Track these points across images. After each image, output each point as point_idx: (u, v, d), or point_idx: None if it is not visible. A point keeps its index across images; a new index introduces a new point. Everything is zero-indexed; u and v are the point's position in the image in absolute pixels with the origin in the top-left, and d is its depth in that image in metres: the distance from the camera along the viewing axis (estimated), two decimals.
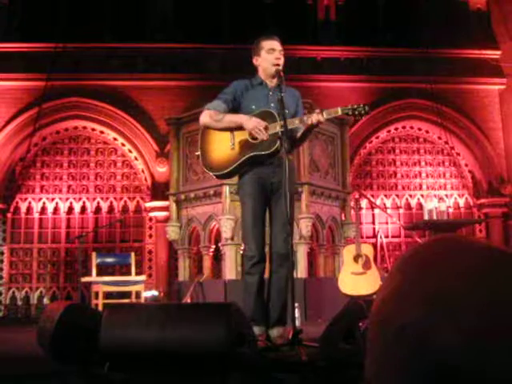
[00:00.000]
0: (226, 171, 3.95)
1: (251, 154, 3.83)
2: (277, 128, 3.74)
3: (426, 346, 0.59)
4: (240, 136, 3.87)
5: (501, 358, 0.55)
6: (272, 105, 3.92)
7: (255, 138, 3.80)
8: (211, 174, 4.07)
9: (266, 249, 4.02)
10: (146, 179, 10.35)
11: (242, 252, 7.26)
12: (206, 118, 3.96)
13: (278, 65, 3.91)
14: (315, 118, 3.67)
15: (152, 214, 10.21)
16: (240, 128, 3.84)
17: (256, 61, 4.06)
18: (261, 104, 3.93)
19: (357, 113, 3.67)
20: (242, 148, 3.86)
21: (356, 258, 6.54)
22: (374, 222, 10.85)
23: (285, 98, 3.78)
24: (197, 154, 4.14)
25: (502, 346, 0.55)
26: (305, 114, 3.92)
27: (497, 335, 0.56)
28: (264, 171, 3.89)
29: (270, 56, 3.95)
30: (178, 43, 10.28)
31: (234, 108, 3.98)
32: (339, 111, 3.69)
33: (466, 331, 0.57)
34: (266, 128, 3.75)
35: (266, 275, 4.03)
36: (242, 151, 3.86)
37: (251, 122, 3.77)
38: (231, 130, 3.90)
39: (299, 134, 3.91)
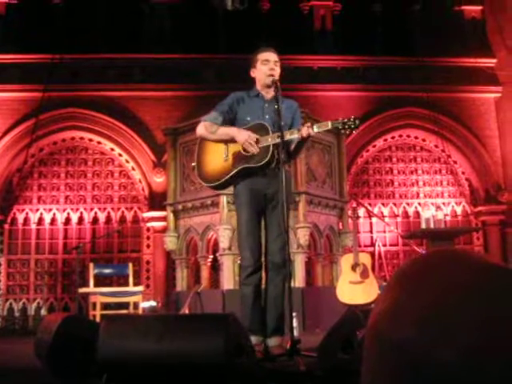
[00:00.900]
0: (218, 183, 3.99)
1: (242, 166, 3.86)
2: (269, 140, 3.77)
3: (423, 362, 0.59)
4: (233, 148, 3.91)
5: (498, 373, 0.55)
6: (267, 116, 3.96)
7: (247, 151, 3.83)
8: (205, 184, 4.13)
9: (262, 258, 4.04)
10: (143, 189, 10.35)
11: (239, 262, 7.26)
12: (201, 129, 4.02)
13: (272, 75, 3.94)
14: (305, 131, 3.70)
15: (149, 224, 10.20)
16: (233, 140, 3.87)
17: (253, 73, 4.12)
18: (256, 116, 3.97)
19: (347, 126, 3.69)
20: (234, 160, 3.90)
21: (354, 267, 6.54)
22: (371, 231, 10.85)
23: (281, 110, 3.81)
24: (193, 164, 4.20)
25: (498, 362, 0.55)
26: (295, 128, 3.94)
27: (493, 351, 0.56)
28: (258, 182, 3.92)
29: (264, 67, 4.00)
30: (174, 53, 10.31)
31: (231, 119, 4.02)
32: (329, 125, 3.71)
33: (463, 347, 0.57)
34: (257, 141, 3.78)
35: (263, 285, 4.04)
36: (234, 163, 3.90)
37: (242, 135, 3.81)
38: (225, 141, 3.94)
39: (293, 147, 3.93)
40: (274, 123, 3.87)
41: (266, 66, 4.00)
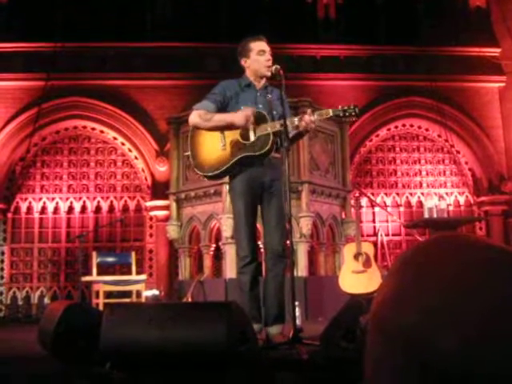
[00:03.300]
0: (216, 172, 3.94)
1: (242, 154, 3.83)
2: (268, 129, 3.75)
3: (425, 349, 0.59)
4: (230, 136, 3.87)
5: (501, 364, 0.55)
6: (260, 106, 3.94)
7: (246, 139, 3.81)
8: (202, 174, 4.07)
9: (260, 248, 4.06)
10: (146, 178, 10.35)
11: None
12: (195, 117, 3.95)
13: (270, 66, 3.90)
14: (307, 119, 3.70)
15: (152, 213, 10.21)
16: (230, 128, 3.84)
17: (245, 62, 4.04)
18: (249, 104, 3.93)
19: (347, 114, 3.70)
20: (232, 149, 3.87)
21: (356, 257, 6.54)
22: (374, 221, 10.85)
23: (271, 99, 3.81)
24: (186, 154, 4.15)
25: (502, 352, 0.55)
26: (296, 116, 3.92)
27: (497, 340, 0.56)
28: (255, 171, 3.90)
29: (261, 58, 3.95)
30: (177, 42, 10.27)
31: (223, 108, 3.98)
32: (330, 113, 3.72)
33: (467, 335, 0.57)
34: (255, 121, 3.76)
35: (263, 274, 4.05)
36: (232, 152, 3.86)
37: (241, 117, 3.76)
38: (221, 129, 3.90)
39: (290, 136, 3.90)
40: (267, 112, 3.86)
41: (263, 57, 3.95)
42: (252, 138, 3.81)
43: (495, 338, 0.56)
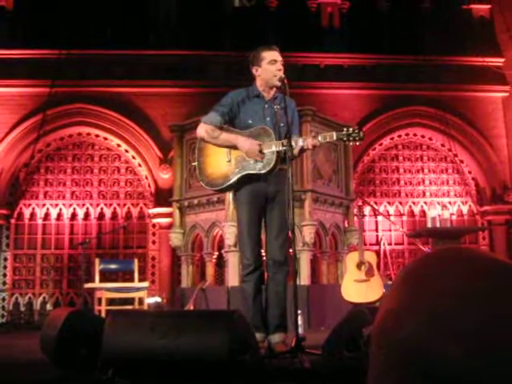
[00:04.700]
0: (221, 187, 4.02)
1: (246, 172, 3.87)
2: (273, 148, 3.77)
3: (426, 359, 0.59)
4: (236, 152, 3.90)
5: (501, 372, 0.55)
6: (268, 119, 3.95)
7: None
8: (207, 187, 4.12)
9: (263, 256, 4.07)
10: (149, 185, 10.36)
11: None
12: (202, 132, 3.97)
13: (280, 76, 3.90)
14: (310, 142, 3.73)
15: (155, 221, 10.21)
16: (235, 148, 3.88)
17: (256, 71, 4.03)
18: (257, 117, 3.95)
19: (351, 138, 3.72)
20: (237, 164, 3.90)
21: (359, 266, 6.54)
22: (377, 230, 10.83)
23: (280, 111, 3.82)
24: (193, 164, 4.19)
25: (502, 360, 0.56)
26: (301, 137, 3.95)
27: (497, 349, 0.56)
28: (260, 183, 3.93)
29: (272, 67, 3.93)
30: (181, 50, 10.30)
31: (231, 119, 3.99)
32: (334, 136, 3.74)
33: (469, 346, 0.57)
34: (260, 150, 3.79)
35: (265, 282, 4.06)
36: (237, 167, 3.90)
37: (246, 145, 3.80)
38: (226, 147, 3.94)
39: (296, 151, 3.90)
40: (274, 125, 3.88)
41: (274, 66, 3.93)
42: None
43: (497, 349, 0.57)
